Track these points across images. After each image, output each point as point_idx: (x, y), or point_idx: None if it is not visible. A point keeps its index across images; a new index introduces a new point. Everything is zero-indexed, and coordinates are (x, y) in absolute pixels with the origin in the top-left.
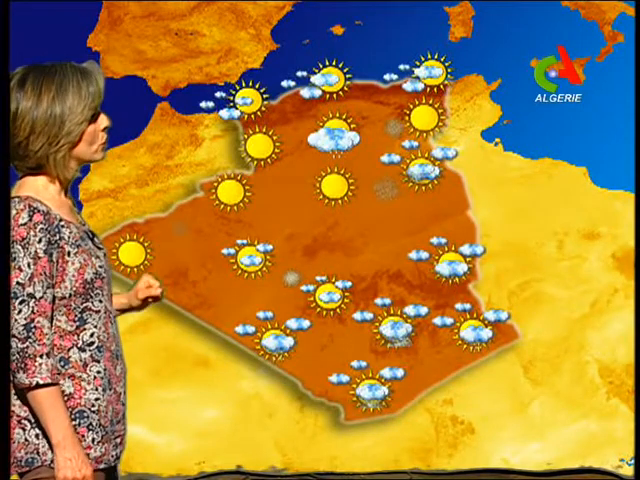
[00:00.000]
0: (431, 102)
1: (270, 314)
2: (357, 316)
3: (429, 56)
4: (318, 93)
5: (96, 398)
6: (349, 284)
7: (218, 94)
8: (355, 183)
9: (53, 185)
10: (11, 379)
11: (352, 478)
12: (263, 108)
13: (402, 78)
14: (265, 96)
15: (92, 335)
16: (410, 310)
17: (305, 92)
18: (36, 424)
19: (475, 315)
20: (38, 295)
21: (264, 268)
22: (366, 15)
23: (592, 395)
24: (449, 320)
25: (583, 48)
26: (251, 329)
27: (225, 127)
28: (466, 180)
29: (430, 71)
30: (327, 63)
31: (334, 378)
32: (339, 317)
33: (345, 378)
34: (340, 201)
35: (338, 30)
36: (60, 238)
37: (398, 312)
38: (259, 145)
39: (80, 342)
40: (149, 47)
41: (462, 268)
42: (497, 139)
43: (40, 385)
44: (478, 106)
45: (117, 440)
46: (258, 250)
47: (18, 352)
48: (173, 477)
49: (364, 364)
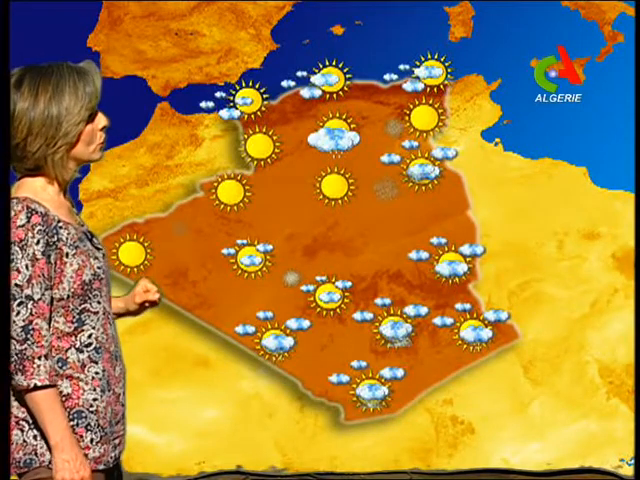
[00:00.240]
0: (431, 102)
1: (270, 314)
2: (357, 316)
3: (429, 56)
4: (318, 93)
5: (94, 399)
6: (349, 284)
7: (218, 94)
8: (355, 183)
9: (51, 186)
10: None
11: (352, 478)
12: (263, 108)
13: (402, 78)
14: (265, 96)
15: (90, 336)
16: (410, 310)
17: (305, 92)
18: (34, 425)
19: (475, 315)
20: (36, 297)
21: (264, 268)
22: (366, 15)
23: (592, 395)
24: (449, 320)
25: (583, 48)
26: (251, 329)
27: (225, 127)
28: (466, 180)
29: (430, 71)
30: (327, 63)
31: (334, 378)
32: (339, 317)
33: (345, 378)
34: (340, 201)
35: (338, 30)
36: (58, 239)
37: (398, 312)
38: (259, 145)
39: (78, 343)
40: (149, 47)
41: (462, 268)
42: (497, 139)
43: (38, 387)
44: (478, 106)
45: (116, 441)
46: (258, 250)
47: (16, 354)
48: (173, 477)
49: (364, 364)
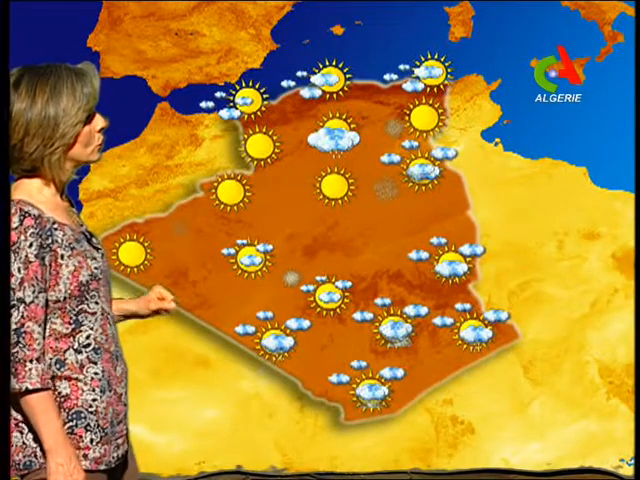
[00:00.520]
0: (431, 102)
1: (270, 314)
2: (357, 316)
3: (429, 56)
4: (318, 93)
5: (93, 399)
6: (349, 284)
7: (218, 94)
8: (355, 183)
9: (48, 187)
10: None
11: (352, 478)
12: (263, 108)
13: (402, 78)
14: (265, 96)
15: (88, 337)
16: (410, 310)
17: (305, 92)
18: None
19: (475, 315)
20: (28, 300)
21: (264, 268)
22: (366, 15)
23: (592, 395)
24: (449, 320)
25: (583, 48)
26: (251, 329)
27: (225, 127)
28: (466, 180)
29: (430, 71)
30: (327, 63)
31: (334, 378)
32: (339, 317)
33: (345, 378)
34: (340, 201)
35: (338, 30)
36: (53, 241)
37: (398, 312)
38: (259, 145)
39: (76, 344)
40: (149, 47)
41: (462, 268)
42: (497, 139)
43: (30, 390)
44: (478, 106)
45: (119, 441)
46: (258, 250)
47: (11, 357)
48: (173, 477)
49: (364, 364)
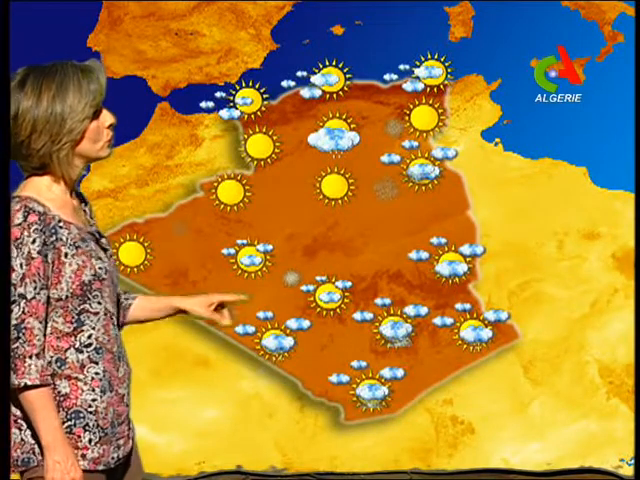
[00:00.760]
0: (431, 102)
1: (270, 314)
2: (357, 316)
3: (429, 56)
4: (318, 93)
5: (93, 399)
6: (349, 284)
7: (218, 94)
8: (355, 183)
9: (57, 185)
10: None
11: (352, 478)
12: (263, 108)
13: (402, 78)
14: (265, 96)
15: (90, 337)
16: (410, 310)
17: (305, 92)
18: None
19: (475, 315)
20: (29, 296)
21: (264, 268)
22: (366, 15)
23: (592, 395)
24: (449, 320)
25: (583, 48)
26: (251, 329)
27: (225, 127)
28: (466, 180)
29: (430, 71)
30: (327, 63)
31: (334, 378)
32: (339, 317)
33: (345, 378)
34: (340, 201)
35: (338, 30)
36: (57, 239)
37: (398, 312)
38: (259, 145)
39: (77, 343)
40: (149, 47)
41: (462, 268)
42: (497, 139)
43: (29, 386)
44: (478, 106)
45: (120, 441)
46: (258, 250)
47: (11, 353)
48: (173, 477)
49: (364, 364)
